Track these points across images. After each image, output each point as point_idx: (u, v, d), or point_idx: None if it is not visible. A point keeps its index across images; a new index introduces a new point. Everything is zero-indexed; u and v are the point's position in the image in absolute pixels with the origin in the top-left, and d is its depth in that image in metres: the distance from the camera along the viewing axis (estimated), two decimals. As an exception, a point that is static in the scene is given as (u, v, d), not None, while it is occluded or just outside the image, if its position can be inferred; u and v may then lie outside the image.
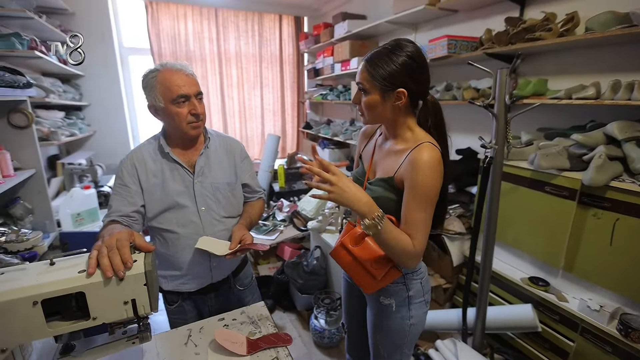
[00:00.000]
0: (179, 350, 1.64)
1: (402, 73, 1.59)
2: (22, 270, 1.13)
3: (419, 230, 1.57)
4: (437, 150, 1.61)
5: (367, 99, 1.67)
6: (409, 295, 1.86)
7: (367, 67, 1.64)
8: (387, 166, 1.78)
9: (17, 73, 2.62)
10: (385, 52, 1.61)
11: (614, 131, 2.31)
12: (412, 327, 1.89)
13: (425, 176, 1.55)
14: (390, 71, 1.58)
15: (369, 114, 1.73)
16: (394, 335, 1.92)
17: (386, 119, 1.74)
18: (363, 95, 1.70)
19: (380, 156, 1.87)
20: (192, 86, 1.89)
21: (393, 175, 1.70)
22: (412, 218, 1.58)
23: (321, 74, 6.17)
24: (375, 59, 1.62)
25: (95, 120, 5.44)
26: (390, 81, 1.60)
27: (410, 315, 1.88)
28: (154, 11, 5.54)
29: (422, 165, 1.55)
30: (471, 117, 3.71)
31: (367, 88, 1.66)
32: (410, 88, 1.61)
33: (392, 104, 1.65)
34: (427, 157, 1.56)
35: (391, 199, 1.72)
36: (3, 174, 2.55)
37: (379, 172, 1.84)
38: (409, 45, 1.62)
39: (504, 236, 2.99)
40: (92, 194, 3.78)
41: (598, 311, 2.35)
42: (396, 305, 1.86)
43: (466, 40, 3.39)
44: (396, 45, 1.62)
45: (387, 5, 4.51)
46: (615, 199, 2.24)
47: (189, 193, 2.00)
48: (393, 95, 1.62)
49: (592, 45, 2.65)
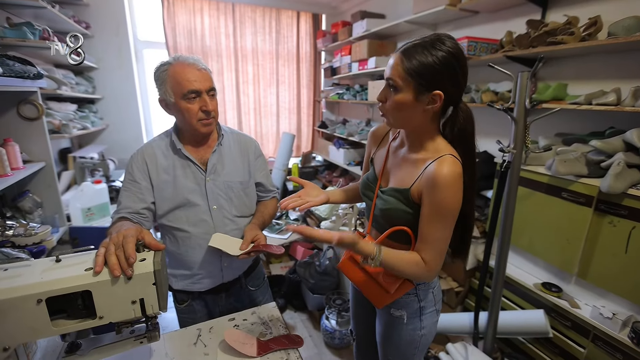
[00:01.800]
0: (187, 350, 1.63)
1: (443, 72, 1.39)
2: (27, 267, 1.12)
3: (433, 248, 1.47)
4: (458, 165, 1.45)
5: (398, 98, 1.46)
6: (420, 306, 1.80)
7: (403, 60, 1.41)
8: (403, 176, 1.63)
9: (28, 63, 2.59)
10: (425, 45, 1.39)
11: (634, 138, 2.28)
12: (423, 337, 1.85)
13: (444, 194, 1.41)
14: (430, 68, 1.38)
15: (395, 115, 1.53)
16: (404, 347, 1.86)
17: (412, 123, 1.55)
18: (392, 92, 1.48)
19: (395, 163, 1.72)
20: (204, 81, 1.85)
21: (409, 187, 1.56)
22: (429, 235, 1.47)
23: (338, 73, 6.14)
24: (412, 52, 1.40)
25: (108, 113, 5.44)
26: (427, 79, 1.39)
27: (422, 326, 1.82)
28: (170, 5, 5.52)
29: (442, 181, 1.41)
30: (489, 120, 3.67)
31: (400, 85, 1.44)
32: (448, 91, 1.42)
33: (424, 107, 1.45)
34: (447, 172, 1.42)
35: (405, 211, 1.58)
36: (12, 166, 2.54)
37: (393, 181, 1.70)
38: (451, 40, 1.41)
39: (518, 241, 2.97)
40: (103, 189, 3.78)
41: (610, 319, 2.35)
42: (407, 316, 1.80)
43: (486, 42, 3.36)
44: (437, 39, 1.40)
45: (407, 5, 4.50)
46: (633, 207, 2.22)
47: (201, 191, 1.98)
48: (428, 97, 1.43)
49: (614, 50, 2.60)
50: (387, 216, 1.53)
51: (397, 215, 1.59)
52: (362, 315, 2.18)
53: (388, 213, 1.46)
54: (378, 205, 1.68)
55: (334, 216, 4.08)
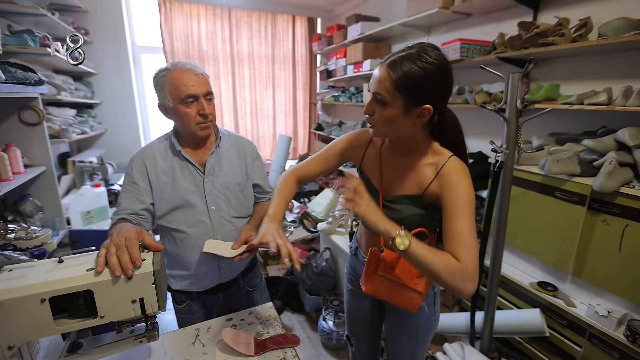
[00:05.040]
0: (186, 349, 1.65)
1: (431, 86, 1.36)
2: (31, 268, 1.14)
3: (469, 244, 1.33)
4: (465, 166, 1.51)
5: (387, 113, 1.43)
6: (434, 292, 1.84)
7: (390, 75, 1.36)
8: (409, 183, 1.61)
9: (29, 70, 2.63)
10: (411, 58, 1.34)
11: (625, 137, 2.30)
12: (435, 321, 1.90)
13: (466, 188, 1.43)
14: (418, 83, 1.34)
15: (383, 128, 1.52)
16: (421, 335, 1.90)
17: (401, 134, 1.55)
18: (380, 107, 1.45)
19: (392, 170, 1.70)
20: (202, 86, 1.87)
21: (422, 192, 1.56)
22: (461, 232, 1.35)
23: (333, 76, 6.18)
24: (399, 65, 1.35)
25: (106, 118, 5.47)
26: (416, 95, 1.36)
27: (435, 310, 1.87)
28: (167, 10, 5.56)
29: (461, 178, 1.44)
30: (483, 121, 3.70)
31: (388, 100, 1.40)
32: (436, 103, 1.40)
33: (414, 120, 1.43)
34: (462, 169, 1.47)
35: (421, 214, 1.59)
36: (13, 170, 2.56)
37: (397, 189, 1.66)
38: (435, 52, 1.38)
39: (513, 240, 2.98)
40: (102, 192, 3.80)
41: (606, 317, 2.34)
42: (427, 305, 1.83)
43: (479, 44, 3.39)
44: (422, 51, 1.36)
45: (401, 8, 4.54)
46: (625, 205, 2.22)
47: (199, 192, 2.00)
48: (417, 111, 1.40)
49: (604, 51, 2.63)
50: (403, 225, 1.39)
51: (414, 220, 1.60)
52: (364, 316, 2.16)
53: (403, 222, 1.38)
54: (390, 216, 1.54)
55: (331, 217, 4.09)
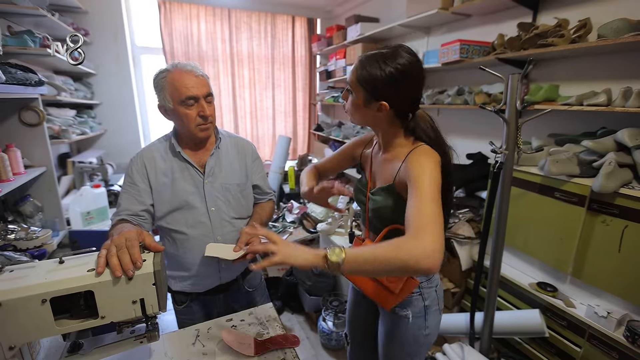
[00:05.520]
0: (186, 350, 1.65)
1: (387, 86, 1.50)
2: (32, 268, 1.15)
3: (430, 222, 1.26)
4: (433, 151, 1.55)
5: (351, 100, 1.64)
6: (425, 305, 1.81)
7: (358, 69, 1.58)
8: (385, 175, 1.70)
9: (29, 71, 2.63)
10: (378, 58, 1.52)
11: (624, 138, 2.30)
12: (427, 337, 1.85)
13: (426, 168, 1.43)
14: (375, 80, 1.51)
15: (353, 114, 1.69)
16: (408, 347, 1.86)
17: (369, 124, 1.70)
18: (348, 95, 1.67)
19: (377, 166, 1.81)
20: (202, 87, 1.88)
21: (393, 182, 1.63)
22: (421, 212, 1.30)
23: (333, 76, 6.16)
24: (367, 62, 1.55)
25: (106, 119, 5.46)
26: (372, 90, 1.53)
27: (426, 325, 1.83)
28: (167, 11, 5.55)
29: (422, 160, 1.47)
30: (482, 121, 3.70)
31: (352, 89, 1.61)
32: (393, 103, 1.53)
33: (374, 113, 1.59)
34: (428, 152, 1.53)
35: (395, 205, 1.63)
36: (13, 171, 2.57)
37: (378, 181, 1.77)
38: (406, 56, 1.50)
39: (512, 241, 2.97)
40: (102, 193, 3.81)
41: (605, 317, 2.34)
42: (413, 316, 1.80)
43: (478, 45, 3.38)
44: (393, 53, 1.51)
45: (400, 9, 4.54)
46: (625, 205, 2.22)
47: (199, 193, 2.00)
48: (375, 105, 1.55)
49: (604, 52, 2.63)
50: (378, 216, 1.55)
51: (387, 212, 1.65)
52: (361, 317, 2.17)
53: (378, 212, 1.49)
54: (370, 207, 1.73)
55: (330, 218, 4.09)
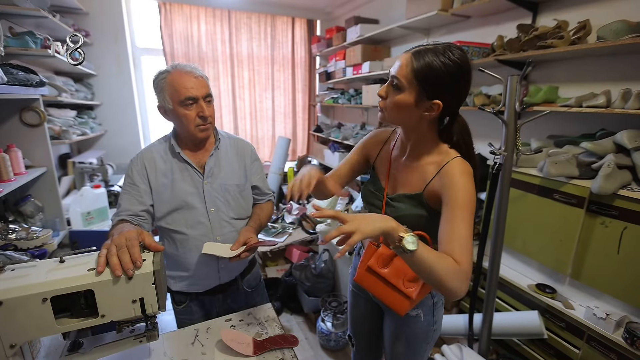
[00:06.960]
0: (185, 349, 1.66)
1: (447, 82, 1.39)
2: (32, 267, 1.15)
3: (462, 246, 1.31)
4: (469, 166, 1.49)
5: (399, 98, 1.46)
6: (434, 302, 1.81)
7: (412, 61, 1.41)
8: (411, 181, 1.63)
9: (30, 71, 2.63)
10: (436, 52, 1.39)
11: (624, 140, 2.30)
12: (435, 332, 1.86)
13: (466, 188, 1.41)
14: (435, 74, 1.38)
15: (392, 113, 1.53)
16: (417, 344, 1.86)
17: (407, 124, 1.58)
18: (394, 91, 1.48)
19: (399, 170, 1.72)
20: (201, 88, 1.89)
21: (422, 191, 1.57)
22: (456, 234, 1.34)
23: (333, 78, 6.16)
24: (423, 55, 1.39)
25: (106, 119, 5.47)
26: (431, 86, 1.40)
27: (435, 321, 1.84)
28: (167, 12, 5.56)
29: (462, 178, 1.42)
30: (481, 123, 3.69)
31: (403, 85, 1.43)
32: (447, 102, 1.43)
33: (422, 113, 1.46)
34: (464, 170, 1.45)
35: (420, 215, 1.58)
36: (14, 171, 2.57)
37: (400, 187, 1.69)
38: (460, 52, 1.41)
39: (511, 242, 2.97)
40: (102, 193, 3.82)
41: (604, 319, 2.34)
42: (423, 314, 1.80)
43: (478, 47, 3.39)
44: (447, 48, 1.40)
45: (400, 10, 4.54)
46: (624, 207, 2.22)
47: (199, 194, 2.01)
48: (427, 104, 1.44)
49: (603, 53, 2.63)
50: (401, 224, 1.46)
51: (412, 221, 1.56)
52: (364, 318, 2.15)
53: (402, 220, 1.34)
54: (388, 214, 1.65)
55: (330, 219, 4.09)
